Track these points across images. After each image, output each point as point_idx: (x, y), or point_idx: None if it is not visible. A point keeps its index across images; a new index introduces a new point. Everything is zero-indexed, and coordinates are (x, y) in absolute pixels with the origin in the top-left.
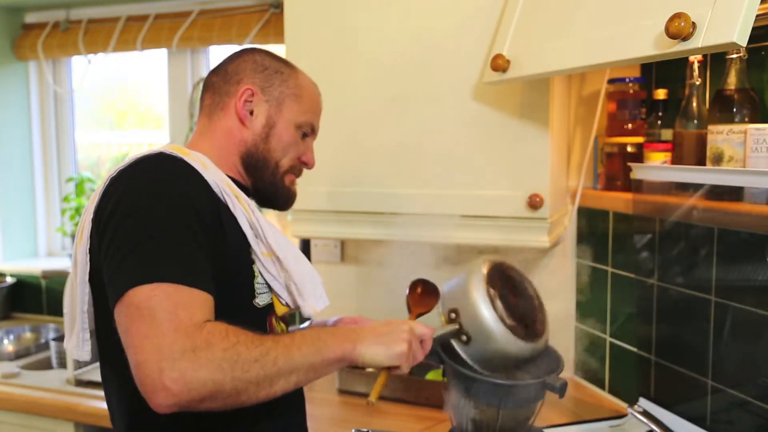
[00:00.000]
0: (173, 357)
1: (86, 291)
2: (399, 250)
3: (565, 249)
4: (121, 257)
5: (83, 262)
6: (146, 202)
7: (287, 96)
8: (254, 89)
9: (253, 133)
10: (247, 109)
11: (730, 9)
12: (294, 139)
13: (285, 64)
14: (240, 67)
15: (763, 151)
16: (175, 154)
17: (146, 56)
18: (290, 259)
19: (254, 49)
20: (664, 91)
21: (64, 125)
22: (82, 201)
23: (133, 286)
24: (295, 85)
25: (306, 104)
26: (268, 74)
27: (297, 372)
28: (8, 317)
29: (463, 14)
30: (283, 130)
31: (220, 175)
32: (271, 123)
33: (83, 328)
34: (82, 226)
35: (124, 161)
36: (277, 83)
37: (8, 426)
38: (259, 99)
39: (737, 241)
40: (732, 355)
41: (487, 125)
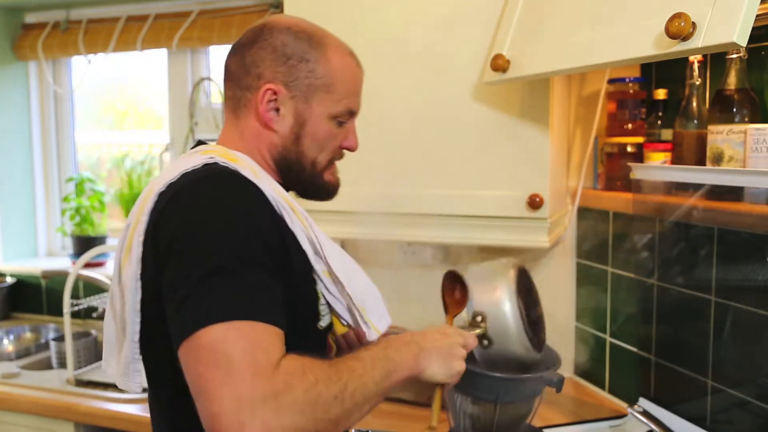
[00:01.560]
0: (254, 406)
1: (137, 320)
2: (399, 250)
3: (565, 249)
4: (188, 292)
5: (133, 289)
6: (213, 229)
7: (316, 88)
8: (277, 87)
9: (282, 136)
10: (271, 109)
11: (730, 9)
12: (330, 132)
13: (311, 44)
14: (259, 56)
15: (763, 151)
16: (229, 166)
17: (146, 56)
18: (351, 277)
19: (274, 27)
20: (664, 91)
21: (64, 125)
22: (81, 201)
23: (204, 326)
24: (324, 73)
25: (340, 90)
26: (292, 65)
27: (370, 401)
28: (8, 317)
29: (463, 14)
30: (316, 127)
31: (273, 185)
32: (301, 121)
33: (134, 358)
34: (127, 247)
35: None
36: (303, 75)
37: (8, 426)
38: (284, 96)
39: (737, 241)
40: (732, 355)
41: (487, 125)
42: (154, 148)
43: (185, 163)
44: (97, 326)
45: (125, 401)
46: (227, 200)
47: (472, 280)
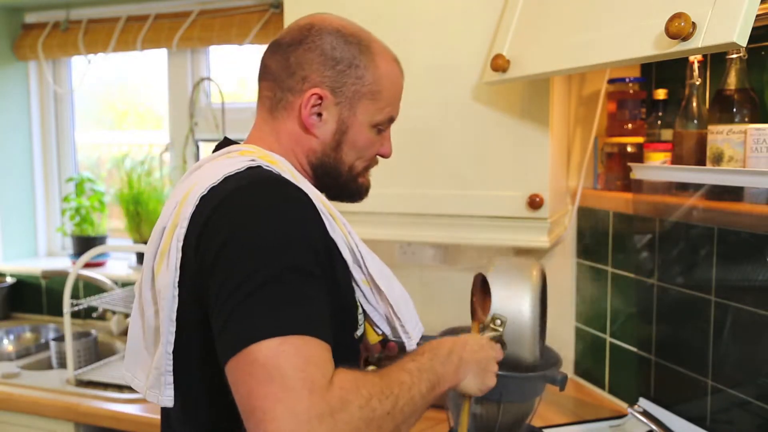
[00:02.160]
0: (311, 424)
1: (172, 330)
2: (399, 250)
3: (565, 249)
4: (238, 305)
5: (170, 297)
6: (265, 239)
7: (363, 95)
8: (323, 92)
9: (323, 142)
10: (314, 114)
11: (730, 9)
12: (370, 140)
13: (360, 49)
14: (305, 59)
15: (763, 151)
16: (272, 170)
17: (146, 56)
18: (388, 285)
19: (323, 27)
20: (664, 91)
21: (64, 125)
22: (82, 201)
23: (257, 341)
24: (372, 80)
25: (385, 98)
26: (341, 70)
27: (416, 414)
28: (8, 317)
29: (463, 14)
30: (357, 134)
31: (313, 190)
32: (343, 129)
33: (166, 370)
34: (162, 252)
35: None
36: (351, 81)
37: (8, 426)
38: (328, 102)
39: (737, 241)
40: (732, 355)
41: (487, 125)
42: (154, 148)
43: (225, 165)
44: (97, 326)
45: (125, 401)
46: (279, 208)
47: (497, 282)
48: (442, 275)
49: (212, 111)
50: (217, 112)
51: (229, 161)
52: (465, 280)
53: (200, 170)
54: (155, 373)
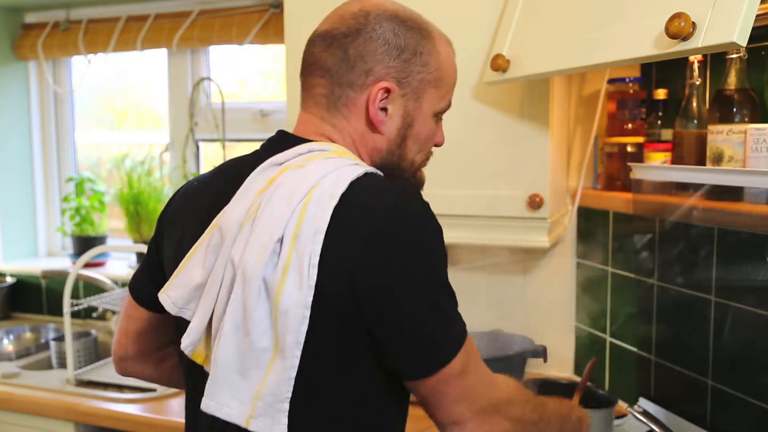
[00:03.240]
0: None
1: (297, 354)
2: None
3: (565, 249)
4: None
5: (300, 317)
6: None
7: (427, 83)
8: (390, 85)
9: (388, 139)
10: (380, 107)
11: (730, 9)
12: (432, 131)
13: (422, 32)
14: (368, 49)
15: (763, 151)
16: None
17: (146, 56)
18: None
19: (380, 14)
20: (664, 91)
21: (64, 125)
22: (82, 201)
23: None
24: (437, 65)
25: (446, 84)
26: (406, 58)
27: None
28: (8, 317)
29: (463, 14)
30: (422, 126)
31: None
32: (408, 122)
33: (286, 397)
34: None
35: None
36: (417, 69)
37: (8, 426)
38: (395, 95)
39: (737, 241)
40: (732, 355)
41: (487, 125)
42: (154, 148)
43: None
44: (97, 326)
45: (125, 401)
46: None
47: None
48: None
49: (212, 111)
50: (217, 112)
51: (336, 163)
52: (465, 280)
53: (301, 171)
54: (269, 399)
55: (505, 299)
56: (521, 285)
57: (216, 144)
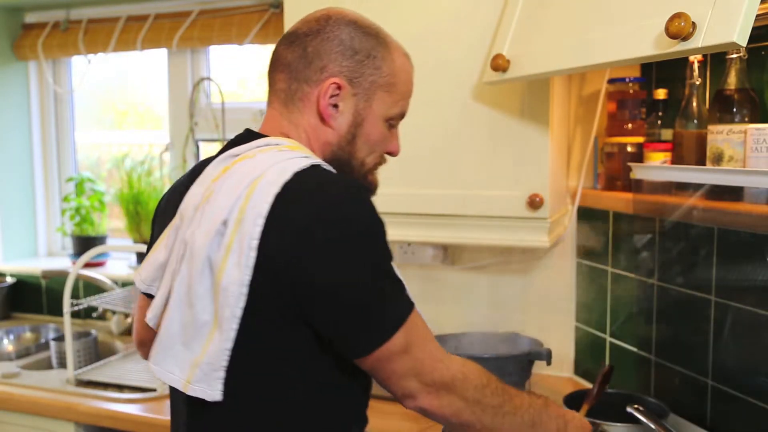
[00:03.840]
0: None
1: (234, 327)
2: (399, 250)
3: (565, 249)
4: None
5: (237, 294)
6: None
7: (379, 87)
8: (341, 82)
9: (338, 134)
10: (331, 104)
11: (730, 9)
12: (382, 134)
13: (378, 40)
14: (324, 48)
15: (763, 151)
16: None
17: (146, 56)
18: None
19: (339, 19)
20: (664, 91)
21: (64, 125)
22: (82, 201)
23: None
24: (389, 71)
25: (399, 92)
26: (359, 60)
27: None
28: (8, 317)
29: (463, 14)
30: (372, 128)
31: None
32: (359, 121)
33: (221, 366)
34: (228, 247)
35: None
36: (369, 72)
37: (8, 426)
38: (346, 92)
39: (737, 241)
40: (732, 355)
41: (487, 125)
42: (154, 148)
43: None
44: (97, 326)
45: (125, 401)
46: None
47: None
48: (442, 275)
49: (212, 111)
50: (217, 112)
51: (286, 155)
52: (465, 280)
53: (251, 161)
54: (206, 368)
55: (505, 299)
56: (521, 285)
57: (216, 144)
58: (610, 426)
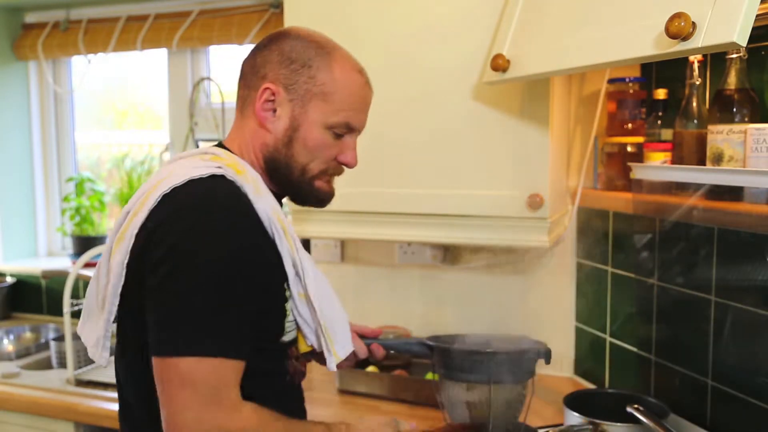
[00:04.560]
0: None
1: (115, 303)
2: (399, 250)
3: (565, 249)
4: (170, 312)
5: (118, 274)
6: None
7: (314, 95)
8: (275, 88)
9: (275, 137)
10: (268, 110)
11: (730, 9)
12: (323, 141)
13: (318, 52)
14: (267, 59)
15: (763, 151)
16: (236, 181)
17: (146, 56)
18: (325, 306)
19: (288, 34)
20: (664, 91)
21: (64, 125)
22: (82, 201)
23: (180, 355)
24: (324, 81)
25: (339, 101)
26: (294, 69)
27: None
28: (8, 317)
29: (463, 14)
30: (309, 133)
31: (271, 203)
32: (295, 125)
33: (106, 335)
34: (122, 233)
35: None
36: (303, 80)
37: (8, 426)
38: (282, 98)
39: (737, 241)
40: (732, 355)
41: (487, 125)
42: (154, 148)
43: (194, 166)
44: None
45: None
46: (226, 224)
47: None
48: (442, 275)
49: (212, 111)
50: (217, 111)
51: (199, 163)
52: (465, 280)
53: (173, 164)
54: (97, 335)
55: (505, 299)
56: (521, 285)
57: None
58: (610, 426)
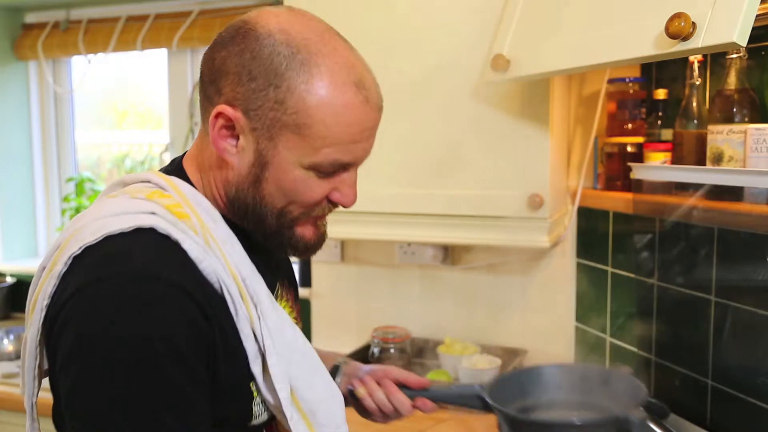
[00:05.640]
0: None
1: (35, 384)
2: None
3: (565, 249)
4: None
5: (32, 352)
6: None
7: (284, 126)
8: (233, 113)
9: (238, 175)
10: (227, 137)
11: (730, 9)
12: (302, 182)
13: (291, 63)
14: (226, 64)
15: (763, 151)
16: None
17: (146, 56)
18: (301, 384)
19: (257, 27)
20: (664, 91)
21: (64, 125)
22: (82, 201)
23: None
24: (297, 108)
25: (320, 136)
26: (255, 88)
27: None
28: (8, 317)
29: (463, 14)
30: (281, 174)
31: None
32: (262, 162)
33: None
34: (34, 300)
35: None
36: (269, 105)
37: (8, 426)
38: (243, 125)
39: (737, 241)
40: (732, 355)
41: (487, 125)
42: (154, 148)
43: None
44: None
45: None
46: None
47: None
48: (442, 275)
49: None
50: None
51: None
52: (465, 280)
53: (101, 202)
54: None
55: (505, 299)
56: (521, 285)
57: None
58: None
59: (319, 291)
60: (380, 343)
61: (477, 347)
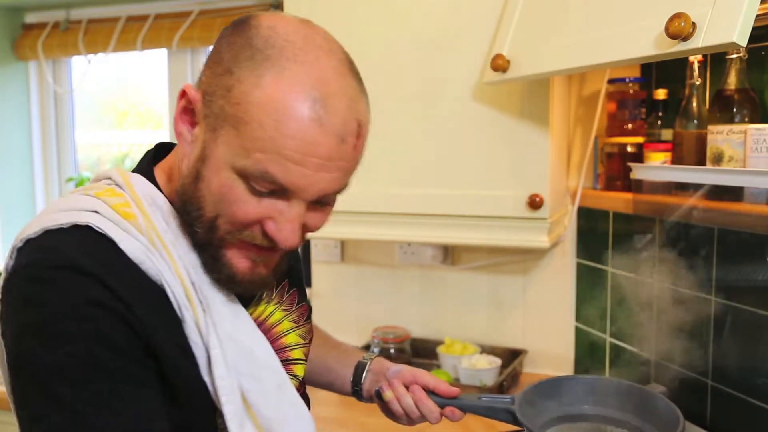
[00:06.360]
0: None
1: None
2: (399, 250)
3: (565, 249)
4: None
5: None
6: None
7: (226, 117)
8: (194, 94)
9: (187, 167)
10: (185, 122)
11: (730, 9)
12: (230, 191)
13: (254, 54)
14: (215, 48)
15: (763, 151)
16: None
17: (146, 56)
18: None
19: (255, 20)
20: (664, 91)
21: (64, 125)
22: None
23: None
24: (240, 99)
25: (252, 136)
26: (216, 72)
27: None
28: None
29: (463, 14)
30: (214, 174)
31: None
32: (204, 156)
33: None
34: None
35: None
36: (220, 92)
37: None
38: (199, 110)
39: (737, 241)
40: (732, 355)
41: (487, 125)
42: None
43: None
44: None
45: None
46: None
47: None
48: (442, 275)
49: None
50: None
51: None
52: (465, 280)
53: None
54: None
55: (505, 299)
56: (521, 285)
57: None
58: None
59: (319, 291)
60: (380, 343)
61: (477, 347)
